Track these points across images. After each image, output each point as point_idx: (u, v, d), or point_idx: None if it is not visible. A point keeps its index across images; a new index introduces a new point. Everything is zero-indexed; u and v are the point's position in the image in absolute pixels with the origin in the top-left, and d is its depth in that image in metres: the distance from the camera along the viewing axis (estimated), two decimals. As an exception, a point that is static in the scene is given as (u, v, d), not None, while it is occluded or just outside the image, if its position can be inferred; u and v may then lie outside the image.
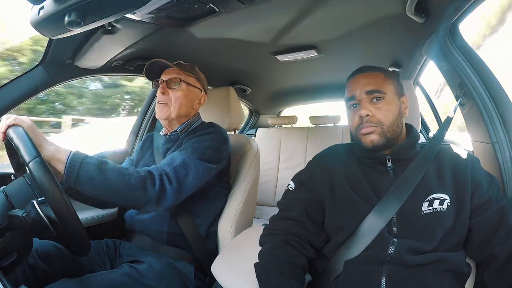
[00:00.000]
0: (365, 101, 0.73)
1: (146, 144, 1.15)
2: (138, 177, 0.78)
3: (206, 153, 0.92)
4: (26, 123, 0.70)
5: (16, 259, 0.62)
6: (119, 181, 0.75)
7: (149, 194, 0.78)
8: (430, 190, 0.69)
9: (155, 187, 0.79)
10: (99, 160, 0.76)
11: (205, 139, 0.95)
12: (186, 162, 0.86)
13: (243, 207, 1.09)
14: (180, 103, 1.00)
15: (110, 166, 0.77)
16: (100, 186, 0.73)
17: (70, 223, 0.61)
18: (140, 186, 0.77)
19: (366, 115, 0.71)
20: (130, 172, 0.78)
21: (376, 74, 0.75)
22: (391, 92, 0.73)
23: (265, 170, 2.30)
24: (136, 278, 0.82)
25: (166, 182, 0.81)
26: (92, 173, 0.72)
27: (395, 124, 0.73)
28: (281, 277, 0.62)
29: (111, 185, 0.74)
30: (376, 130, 0.71)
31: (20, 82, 1.00)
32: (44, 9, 0.63)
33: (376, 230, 0.67)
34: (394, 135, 0.73)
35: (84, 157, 0.74)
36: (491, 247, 0.65)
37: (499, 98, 0.79)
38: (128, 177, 0.76)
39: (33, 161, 0.60)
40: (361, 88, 0.73)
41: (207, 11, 0.85)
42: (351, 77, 0.78)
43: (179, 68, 1.02)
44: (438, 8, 0.85)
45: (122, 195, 0.76)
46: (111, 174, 0.75)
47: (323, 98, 2.54)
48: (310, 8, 0.94)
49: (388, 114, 0.72)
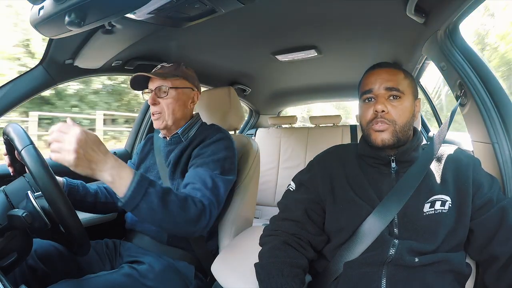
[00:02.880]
0: (382, 96, 0.71)
1: (147, 147, 1.15)
2: (196, 210, 0.78)
3: (225, 165, 0.93)
4: (67, 162, 0.61)
5: (16, 259, 0.62)
6: (179, 214, 0.74)
7: (201, 224, 0.79)
8: (432, 192, 0.69)
9: (206, 217, 0.80)
10: (163, 188, 0.73)
11: (219, 148, 0.95)
12: (216, 180, 0.88)
13: (243, 207, 1.09)
14: (173, 109, 0.99)
15: (172, 197, 0.74)
16: (159, 217, 0.71)
17: (64, 212, 0.60)
18: (196, 219, 0.78)
19: (382, 110, 0.70)
20: (189, 204, 0.77)
21: (397, 72, 0.74)
22: (408, 93, 0.73)
23: (265, 170, 2.30)
24: (136, 279, 0.82)
25: (214, 209, 0.84)
26: (154, 205, 0.69)
27: (407, 126, 0.72)
28: (281, 277, 0.62)
29: (170, 218, 0.73)
30: (389, 128, 0.70)
31: (20, 82, 1.00)
32: (44, 9, 0.63)
33: (376, 232, 0.67)
34: (404, 136, 0.72)
35: (147, 186, 0.69)
36: (492, 247, 0.65)
37: (499, 98, 0.79)
38: (187, 211, 0.76)
39: (25, 148, 0.60)
40: (381, 83, 0.72)
41: (207, 11, 0.85)
42: (371, 70, 0.76)
43: (163, 78, 0.98)
44: (438, 8, 0.85)
45: (177, 226, 0.76)
46: (172, 207, 0.73)
47: (323, 98, 2.54)
48: (310, 8, 0.94)
49: (403, 114, 0.71)
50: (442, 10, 0.83)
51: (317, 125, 2.41)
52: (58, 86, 1.09)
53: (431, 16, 0.89)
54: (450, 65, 0.88)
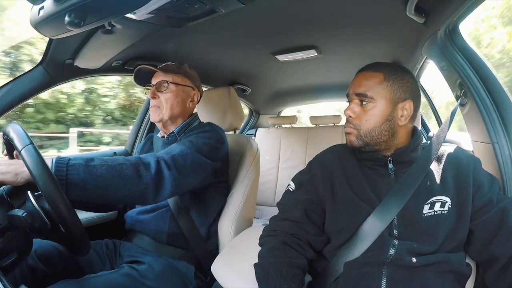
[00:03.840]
0: (354, 101, 0.74)
1: (146, 146, 1.16)
2: (130, 165, 0.73)
3: (204, 148, 0.91)
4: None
5: (16, 259, 0.62)
6: (111, 175, 0.70)
7: (145, 180, 0.74)
8: (432, 193, 0.69)
9: (150, 172, 0.75)
10: (84, 158, 0.70)
11: (203, 136, 0.95)
12: (185, 152, 0.85)
13: (243, 207, 1.09)
14: (171, 104, 1.00)
15: (97, 161, 0.71)
16: (93, 186, 0.68)
17: (64, 212, 0.60)
18: (134, 174, 0.73)
19: (349, 116, 0.74)
20: (120, 162, 0.73)
21: (374, 75, 0.73)
22: (382, 97, 0.71)
23: (265, 170, 2.30)
24: (136, 279, 0.82)
25: (164, 167, 0.78)
26: (81, 174, 0.67)
27: (376, 131, 0.71)
28: (280, 278, 0.62)
29: (104, 182, 0.69)
30: (353, 132, 0.74)
31: (20, 82, 1.00)
32: (44, 9, 0.63)
33: (376, 232, 0.67)
34: (374, 140, 0.72)
35: (68, 160, 0.68)
36: (492, 248, 0.65)
37: (499, 98, 0.79)
38: (119, 168, 0.72)
39: (24, 148, 0.60)
40: (353, 88, 0.75)
41: (207, 11, 0.85)
42: (356, 73, 0.78)
43: (165, 71, 1.02)
44: (438, 8, 0.85)
45: (118, 190, 0.71)
46: (101, 170, 0.69)
47: (323, 98, 2.54)
48: (310, 8, 0.94)
49: (370, 119, 0.72)
50: (442, 10, 0.83)
51: (317, 125, 2.41)
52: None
53: (431, 16, 0.89)
54: (450, 65, 0.88)
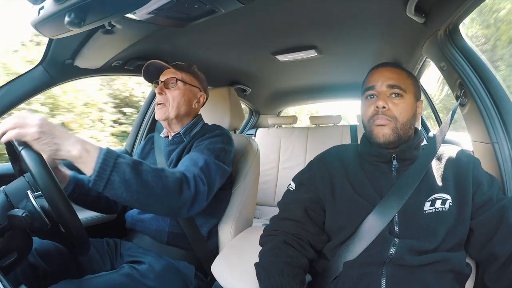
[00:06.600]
0: (384, 93, 0.73)
1: (147, 146, 1.15)
2: (175, 179, 0.73)
3: (221, 154, 0.92)
4: (30, 135, 0.59)
5: (16, 259, 0.62)
6: (156, 184, 0.68)
7: (185, 196, 0.74)
8: (432, 190, 0.69)
9: (190, 190, 0.75)
10: (133, 160, 0.68)
11: (216, 141, 0.95)
12: (208, 162, 0.86)
13: (243, 207, 1.09)
14: (178, 102, 1.00)
15: (145, 166, 0.69)
16: (135, 190, 0.66)
17: (64, 212, 0.60)
18: (177, 189, 0.73)
19: (383, 106, 0.71)
20: (166, 174, 0.72)
21: (400, 71, 0.75)
22: (410, 92, 0.74)
23: (265, 170, 2.30)
24: (137, 279, 0.82)
25: (200, 184, 0.79)
26: (126, 175, 0.65)
27: (408, 124, 0.72)
28: (281, 277, 0.62)
29: (147, 189, 0.67)
30: (390, 124, 0.71)
31: (20, 82, 1.00)
32: (44, 9, 0.63)
33: (377, 230, 0.67)
34: (405, 134, 0.72)
35: (116, 157, 0.65)
36: (491, 246, 0.65)
37: (499, 98, 0.79)
38: (165, 179, 0.71)
39: (24, 148, 0.59)
40: (384, 80, 0.73)
41: (207, 11, 0.85)
42: (375, 68, 0.78)
43: (176, 68, 1.02)
44: (438, 8, 0.85)
45: (157, 200, 0.70)
46: (147, 176, 0.68)
47: (323, 98, 2.55)
48: (310, 8, 0.94)
49: (403, 112, 0.71)
50: (442, 10, 0.83)
51: (317, 125, 2.41)
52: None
53: (431, 16, 0.89)
54: (450, 65, 0.88)
